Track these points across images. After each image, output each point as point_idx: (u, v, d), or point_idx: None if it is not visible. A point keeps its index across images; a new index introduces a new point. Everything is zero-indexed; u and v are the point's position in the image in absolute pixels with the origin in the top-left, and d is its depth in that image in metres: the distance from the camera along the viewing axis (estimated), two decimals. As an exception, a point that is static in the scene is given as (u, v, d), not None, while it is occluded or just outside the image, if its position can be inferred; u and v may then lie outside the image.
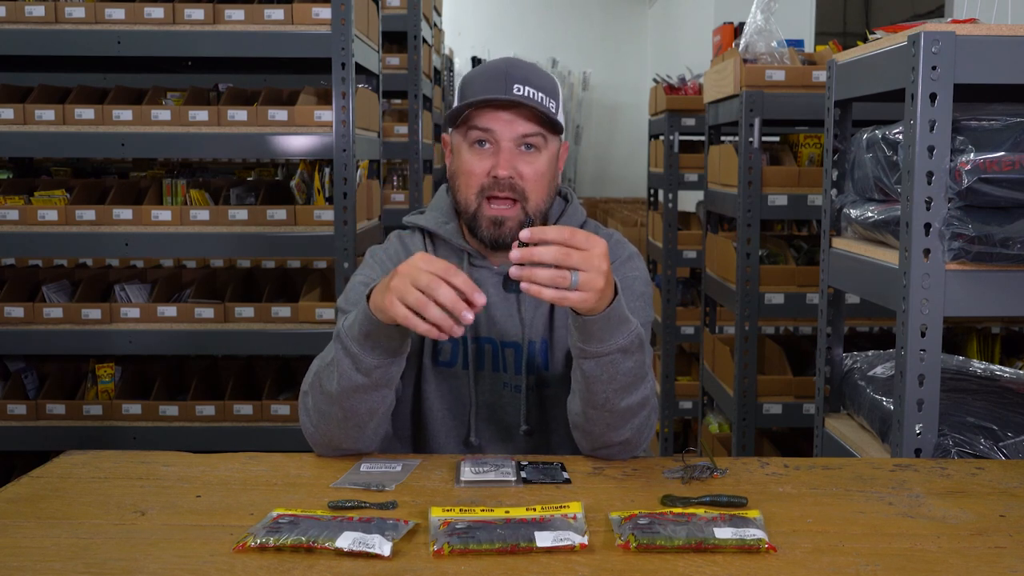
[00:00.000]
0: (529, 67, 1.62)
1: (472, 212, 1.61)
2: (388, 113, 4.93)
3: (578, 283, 1.29)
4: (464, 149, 1.61)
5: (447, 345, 1.67)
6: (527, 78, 1.58)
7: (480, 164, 1.59)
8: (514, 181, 1.58)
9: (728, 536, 1.18)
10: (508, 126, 1.58)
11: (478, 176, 1.59)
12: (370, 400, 1.49)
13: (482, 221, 1.60)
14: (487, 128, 1.58)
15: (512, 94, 1.55)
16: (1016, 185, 1.71)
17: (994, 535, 1.24)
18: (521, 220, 1.59)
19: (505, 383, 1.67)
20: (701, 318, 4.16)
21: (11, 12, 3.04)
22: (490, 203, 1.60)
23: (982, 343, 3.38)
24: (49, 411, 3.17)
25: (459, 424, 1.69)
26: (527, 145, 1.59)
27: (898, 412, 1.82)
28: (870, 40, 2.15)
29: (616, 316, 1.39)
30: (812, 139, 3.50)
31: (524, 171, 1.58)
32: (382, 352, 1.45)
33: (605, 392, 1.45)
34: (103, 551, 1.17)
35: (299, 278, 3.54)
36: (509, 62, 1.61)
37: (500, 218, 1.59)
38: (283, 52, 3.06)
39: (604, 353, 1.41)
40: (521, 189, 1.59)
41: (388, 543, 1.16)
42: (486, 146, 1.59)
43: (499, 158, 1.57)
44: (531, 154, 1.59)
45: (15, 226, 3.10)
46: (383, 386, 1.49)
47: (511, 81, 1.56)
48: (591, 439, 1.53)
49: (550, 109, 1.59)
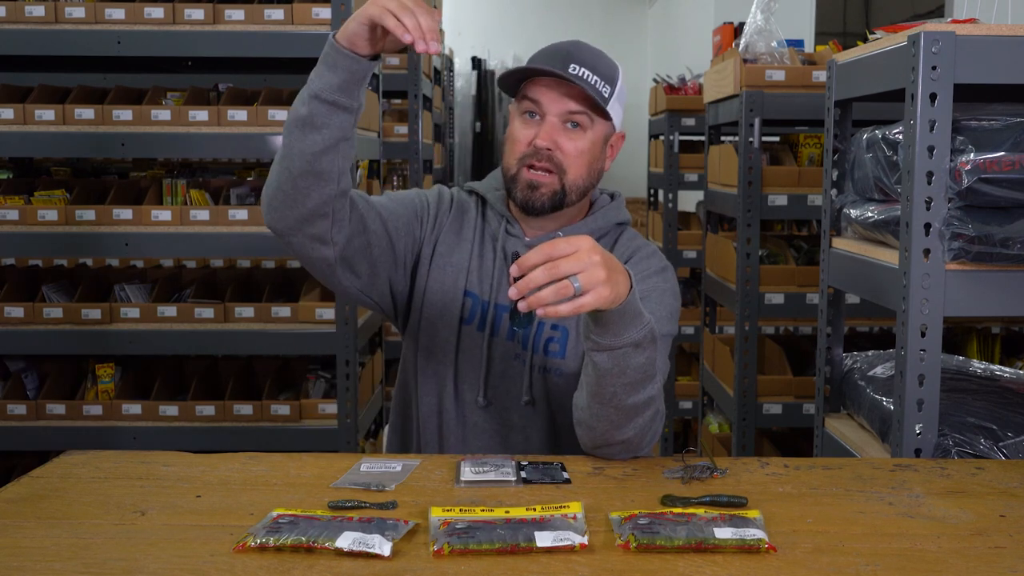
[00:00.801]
0: (594, 52, 1.67)
1: (512, 175, 1.67)
2: (388, 113, 4.93)
3: (582, 285, 1.30)
4: (516, 117, 1.68)
5: (469, 301, 1.71)
6: (586, 60, 1.62)
7: (525, 132, 1.65)
8: (552, 153, 1.63)
9: (728, 536, 1.18)
10: (556, 102, 1.63)
11: (521, 144, 1.65)
12: (304, 141, 1.50)
13: (519, 183, 1.66)
14: (536, 99, 1.64)
15: (567, 72, 1.60)
16: (1016, 185, 1.71)
17: (994, 535, 1.24)
18: (555, 189, 1.64)
19: (516, 354, 1.70)
20: (701, 318, 4.16)
21: (11, 12, 3.04)
22: (529, 169, 1.65)
23: (982, 343, 3.38)
24: (49, 411, 3.17)
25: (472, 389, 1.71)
26: (573, 123, 1.64)
27: (898, 412, 1.82)
28: (870, 40, 2.15)
29: (631, 310, 1.40)
30: (812, 139, 3.50)
31: (565, 145, 1.64)
32: (328, 83, 1.48)
33: (614, 387, 1.45)
34: (103, 551, 1.17)
35: (299, 278, 3.54)
36: (576, 44, 1.67)
37: (535, 182, 1.64)
38: (283, 52, 3.06)
39: (617, 346, 1.42)
40: (559, 162, 1.64)
41: (388, 543, 1.16)
42: (535, 117, 1.65)
43: (541, 129, 1.63)
44: (575, 131, 1.64)
45: (15, 226, 3.10)
46: (316, 129, 1.50)
47: (570, 60, 1.61)
48: (593, 436, 1.52)
49: (602, 92, 1.62)
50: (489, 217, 1.76)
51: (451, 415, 1.72)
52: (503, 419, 1.71)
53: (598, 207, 1.77)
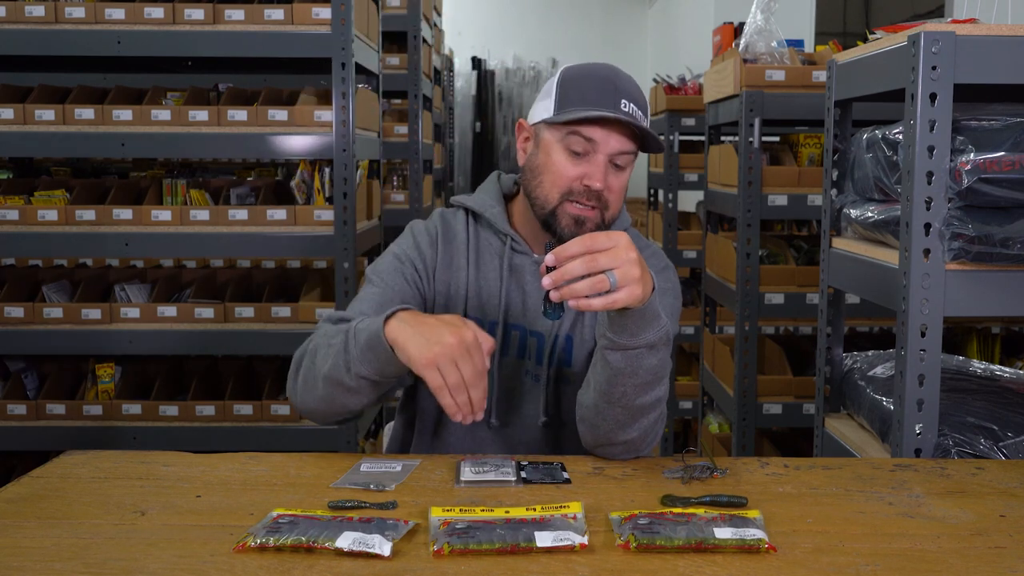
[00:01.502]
0: (631, 81, 1.63)
1: (551, 209, 1.62)
2: (388, 113, 4.93)
3: (617, 281, 1.30)
4: (558, 150, 1.61)
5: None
6: (632, 94, 1.59)
7: (574, 169, 1.60)
8: (602, 193, 1.60)
9: (728, 536, 1.18)
10: (610, 142, 1.58)
11: (568, 180, 1.60)
12: (350, 399, 1.52)
13: (562, 219, 1.61)
14: (591, 139, 1.58)
15: (620, 110, 1.56)
16: (1016, 185, 1.71)
17: (994, 535, 1.24)
18: (598, 223, 1.61)
19: (527, 371, 1.69)
20: (701, 318, 4.16)
21: (11, 12, 3.04)
22: (572, 203, 1.61)
23: (982, 343, 3.38)
24: (49, 411, 3.17)
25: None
26: (618, 165, 1.61)
27: (898, 412, 1.82)
28: (870, 40, 2.15)
29: (651, 311, 1.40)
30: (812, 139, 3.50)
31: (613, 184, 1.61)
32: (376, 371, 1.47)
33: (624, 387, 1.45)
34: (103, 551, 1.17)
35: (299, 278, 3.54)
36: (615, 73, 1.62)
37: (583, 218, 1.60)
38: (283, 52, 3.06)
39: (633, 347, 1.42)
40: (606, 200, 1.61)
41: (388, 543, 1.16)
42: (582, 154, 1.60)
43: (593, 168, 1.58)
44: (619, 172, 1.62)
45: (15, 226, 3.10)
46: (364, 394, 1.51)
47: (619, 95, 1.57)
48: (597, 435, 1.52)
49: (645, 127, 1.59)
50: (484, 235, 1.73)
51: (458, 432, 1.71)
52: (513, 438, 1.70)
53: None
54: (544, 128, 1.63)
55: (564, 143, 1.60)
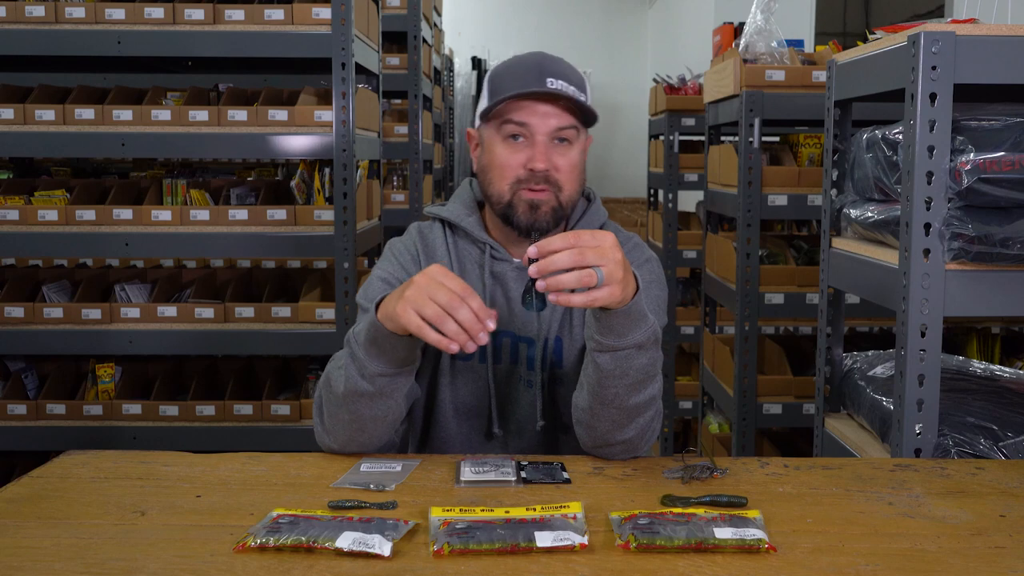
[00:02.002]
0: (561, 61, 1.63)
1: (506, 201, 1.61)
2: (388, 113, 4.93)
3: (603, 278, 1.30)
4: (497, 142, 1.61)
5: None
6: (560, 71, 1.59)
7: (515, 157, 1.59)
8: (549, 173, 1.59)
9: (728, 536, 1.18)
10: (544, 119, 1.58)
11: (513, 168, 1.60)
12: (374, 408, 1.50)
13: (518, 207, 1.60)
14: (523, 121, 1.58)
15: (547, 87, 1.56)
16: (1016, 185, 1.71)
17: (994, 535, 1.24)
18: (554, 206, 1.60)
19: (520, 377, 1.68)
20: (701, 318, 4.16)
21: (11, 12, 3.04)
22: (524, 190, 1.60)
23: (982, 343, 3.38)
24: (49, 411, 3.17)
25: (472, 418, 1.70)
26: (560, 139, 1.60)
27: (898, 412, 1.82)
28: (870, 40, 2.15)
29: (636, 311, 1.40)
30: (812, 139, 3.50)
31: (559, 163, 1.59)
32: (387, 361, 1.46)
33: (616, 388, 1.45)
34: (103, 551, 1.17)
35: (299, 278, 3.54)
36: (542, 55, 1.62)
37: (536, 201, 1.59)
38: (283, 52, 3.06)
39: (621, 348, 1.42)
40: (556, 180, 1.60)
41: (388, 543, 1.16)
42: (520, 140, 1.60)
43: (535, 151, 1.58)
44: (564, 146, 1.60)
45: (15, 226, 3.10)
46: (387, 396, 1.49)
47: (545, 74, 1.57)
48: (594, 436, 1.52)
49: (582, 101, 1.59)
50: (462, 244, 1.71)
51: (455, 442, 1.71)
52: (510, 445, 1.70)
53: (578, 213, 1.74)
54: (484, 127, 1.64)
55: (501, 134, 1.60)
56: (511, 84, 1.58)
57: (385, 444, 1.58)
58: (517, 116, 1.58)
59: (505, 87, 1.59)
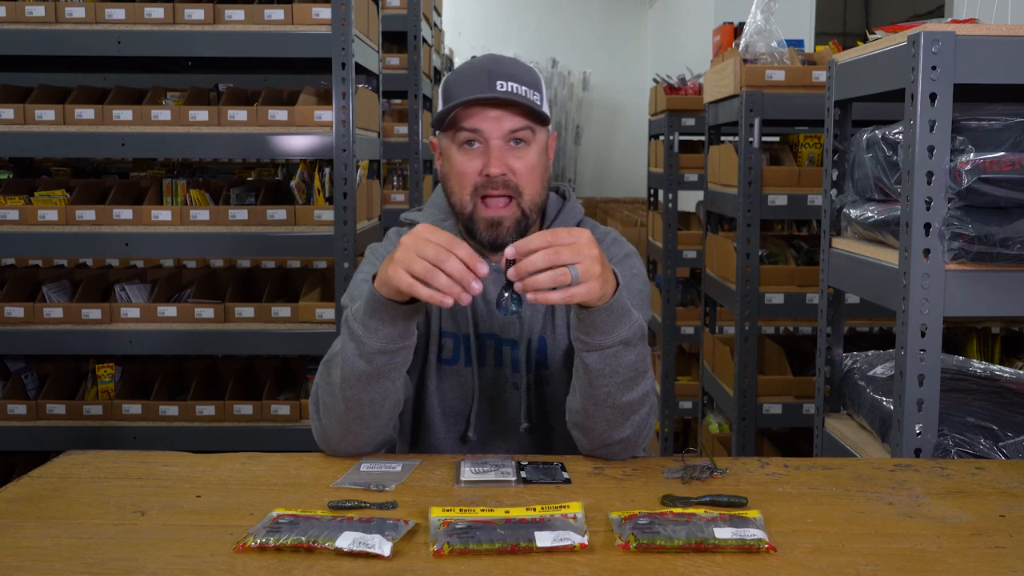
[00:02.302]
0: (511, 62, 1.62)
1: (468, 213, 1.61)
2: (388, 113, 4.93)
3: (579, 276, 1.31)
4: (454, 151, 1.61)
5: (449, 342, 1.67)
6: (510, 73, 1.57)
7: (471, 164, 1.59)
8: (507, 178, 1.58)
9: (728, 536, 1.18)
10: (495, 124, 1.57)
11: (470, 176, 1.59)
12: (372, 391, 1.48)
13: (479, 223, 1.60)
14: (475, 128, 1.57)
15: (496, 91, 1.55)
16: (1016, 185, 1.71)
17: (994, 535, 1.24)
18: (517, 218, 1.59)
19: (507, 379, 1.68)
20: (701, 318, 4.16)
21: (11, 12, 3.04)
22: (485, 204, 1.59)
23: (982, 343, 3.38)
24: (49, 411, 3.17)
25: (459, 421, 1.70)
26: (516, 140, 1.58)
27: (898, 412, 1.82)
28: (870, 40, 2.15)
29: (619, 307, 1.40)
30: (812, 139, 3.50)
31: (516, 166, 1.58)
32: (386, 336, 1.44)
33: (607, 387, 1.45)
34: (103, 551, 1.17)
35: (299, 278, 3.54)
36: (491, 58, 1.61)
37: (497, 218, 1.59)
38: (283, 52, 3.06)
39: (607, 346, 1.42)
40: (515, 185, 1.59)
41: (388, 543, 1.16)
42: (475, 146, 1.59)
43: (489, 156, 1.57)
44: (520, 148, 1.59)
45: (15, 226, 3.10)
46: (384, 377, 1.48)
47: (494, 78, 1.56)
48: (591, 438, 1.52)
49: (535, 102, 1.58)
50: None
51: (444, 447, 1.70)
52: (498, 448, 1.70)
53: (553, 212, 1.73)
54: (441, 136, 1.64)
55: (456, 142, 1.60)
56: (461, 91, 1.58)
57: (381, 441, 1.57)
58: (469, 123, 1.58)
59: (456, 94, 1.58)
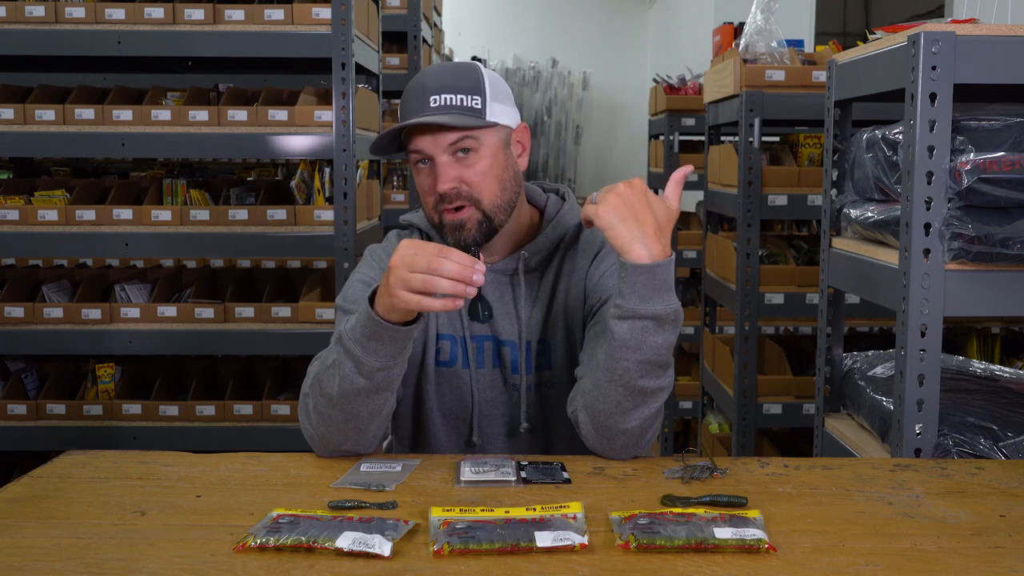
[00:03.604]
0: (447, 70, 1.61)
1: (437, 223, 1.63)
2: (388, 113, 4.93)
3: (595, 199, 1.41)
4: (414, 171, 1.63)
5: (446, 344, 1.67)
6: (443, 85, 1.57)
7: (426, 182, 1.60)
8: (459, 189, 1.58)
9: (728, 536, 1.18)
10: (434, 141, 1.57)
11: (429, 195, 1.61)
12: (371, 403, 1.49)
13: (446, 229, 1.61)
14: (418, 149, 1.59)
15: (428, 108, 1.56)
16: (1016, 185, 1.71)
17: (994, 535, 1.24)
18: (479, 219, 1.60)
19: (506, 380, 1.68)
20: (701, 318, 4.16)
21: (11, 12, 3.04)
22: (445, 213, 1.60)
23: (982, 343, 3.38)
24: (49, 411, 3.17)
25: (460, 424, 1.70)
26: (462, 150, 1.58)
27: (898, 412, 1.82)
28: (870, 40, 2.15)
29: (661, 276, 1.42)
30: (812, 139, 3.50)
31: (466, 175, 1.58)
32: (386, 355, 1.45)
33: (628, 361, 1.44)
34: (103, 551, 1.17)
35: (299, 278, 3.54)
36: (426, 74, 1.61)
37: (457, 221, 1.59)
38: (283, 52, 3.06)
39: (640, 315, 1.42)
40: (468, 194, 1.58)
41: (388, 543, 1.16)
42: (426, 164, 1.60)
43: (436, 174, 1.58)
44: (468, 157, 1.58)
45: (15, 226, 3.10)
46: (384, 390, 1.49)
47: (427, 94, 1.57)
48: (596, 421, 1.49)
49: (473, 106, 1.57)
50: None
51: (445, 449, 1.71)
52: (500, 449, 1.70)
53: (551, 213, 1.73)
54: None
55: (412, 162, 1.62)
56: (403, 113, 1.60)
57: (381, 439, 1.58)
58: (414, 144, 1.59)
59: (401, 116, 1.60)
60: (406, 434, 1.72)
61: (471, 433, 1.68)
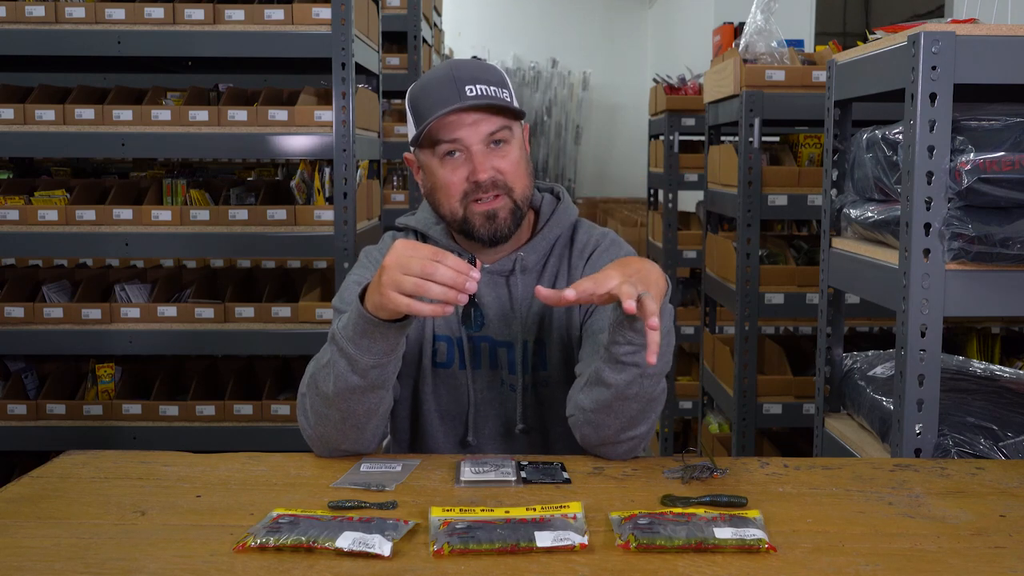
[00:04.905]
0: (472, 64, 1.62)
1: (460, 218, 1.61)
2: (388, 113, 4.93)
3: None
4: (436, 165, 1.61)
5: (443, 346, 1.68)
6: (475, 76, 1.57)
7: (456, 173, 1.59)
8: (496, 178, 1.59)
9: (728, 536, 1.18)
10: (473, 130, 1.57)
11: (458, 185, 1.59)
12: (367, 401, 1.49)
13: (475, 220, 1.60)
14: (454, 138, 1.57)
15: (466, 97, 1.55)
16: (1016, 185, 1.71)
17: (994, 535, 1.24)
18: (511, 208, 1.60)
19: (503, 381, 1.68)
20: (701, 318, 4.16)
21: (11, 12, 3.04)
22: (475, 202, 1.60)
23: (982, 343, 3.38)
24: (49, 411, 3.17)
25: (457, 425, 1.69)
26: (496, 141, 1.59)
27: (898, 412, 1.82)
28: (870, 40, 2.15)
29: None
30: (812, 139, 3.50)
31: (501, 165, 1.59)
32: (378, 352, 1.45)
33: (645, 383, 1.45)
34: (103, 551, 1.17)
35: (299, 278, 3.54)
36: (452, 65, 1.61)
37: (492, 211, 1.59)
38: (283, 52, 3.06)
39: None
40: (504, 183, 1.59)
41: (388, 543, 1.16)
42: (457, 155, 1.59)
43: (474, 163, 1.57)
44: (502, 148, 1.59)
45: (15, 226, 3.10)
46: (379, 387, 1.49)
47: (461, 84, 1.56)
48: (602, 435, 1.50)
49: (506, 99, 1.58)
50: None
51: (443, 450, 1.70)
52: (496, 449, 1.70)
53: (547, 212, 1.72)
54: (419, 152, 1.64)
55: (437, 155, 1.60)
56: (431, 104, 1.57)
57: (380, 437, 1.58)
58: (447, 134, 1.58)
59: (426, 109, 1.58)
60: (404, 435, 1.72)
61: (467, 433, 1.68)
